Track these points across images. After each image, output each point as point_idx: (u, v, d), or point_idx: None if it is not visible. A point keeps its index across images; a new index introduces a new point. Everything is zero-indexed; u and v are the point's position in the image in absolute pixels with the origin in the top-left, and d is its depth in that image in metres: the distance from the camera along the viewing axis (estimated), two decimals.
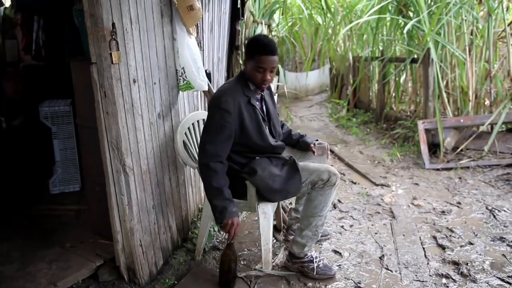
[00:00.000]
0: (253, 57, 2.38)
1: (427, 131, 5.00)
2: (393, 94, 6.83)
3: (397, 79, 6.66)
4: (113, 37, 2.10)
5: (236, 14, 4.73)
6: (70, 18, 4.02)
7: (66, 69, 3.12)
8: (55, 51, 4.78)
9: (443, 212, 3.59)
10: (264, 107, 2.63)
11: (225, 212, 2.27)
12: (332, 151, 5.54)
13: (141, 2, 2.34)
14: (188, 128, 2.81)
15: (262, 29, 4.84)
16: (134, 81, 2.30)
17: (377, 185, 4.29)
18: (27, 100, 4.75)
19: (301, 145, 2.85)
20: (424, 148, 4.84)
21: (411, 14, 5.82)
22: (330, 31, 8.12)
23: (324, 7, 6.44)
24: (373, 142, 5.90)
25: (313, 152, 2.75)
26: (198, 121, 2.94)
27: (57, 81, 4.11)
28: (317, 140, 2.83)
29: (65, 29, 4.46)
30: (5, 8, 5.64)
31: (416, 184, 4.28)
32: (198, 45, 2.90)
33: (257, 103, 2.53)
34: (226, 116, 2.34)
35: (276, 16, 6.08)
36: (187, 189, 3.06)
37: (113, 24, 2.10)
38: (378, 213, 3.62)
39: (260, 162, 2.50)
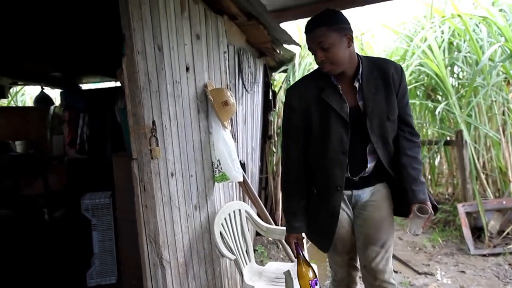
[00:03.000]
0: None
1: (468, 214, 4.82)
2: (429, 177, 6.72)
3: (431, 162, 6.59)
4: (153, 133, 2.23)
5: (268, 105, 4.95)
6: (113, 116, 4.31)
7: (107, 163, 3.28)
8: (97, 146, 5.05)
9: None
10: (359, 103, 1.97)
11: (287, 227, 2.12)
12: None
13: (179, 100, 2.50)
14: (225, 219, 2.84)
15: None
16: (172, 175, 2.39)
17: (420, 273, 4.08)
18: (69, 192, 4.94)
19: (403, 195, 2.01)
20: (467, 233, 4.64)
21: (439, 97, 5.90)
22: None
23: None
24: None
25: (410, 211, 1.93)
26: (234, 211, 2.97)
27: (99, 174, 4.29)
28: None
29: (108, 126, 4.75)
30: (55, 106, 6.10)
31: (463, 271, 4.05)
32: (232, 137, 3.02)
33: (334, 96, 1.95)
34: (291, 113, 2.06)
35: None
36: (223, 281, 3.01)
37: (154, 122, 2.23)
38: None
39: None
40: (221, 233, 2.74)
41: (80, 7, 3.20)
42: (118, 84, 5.32)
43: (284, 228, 2.30)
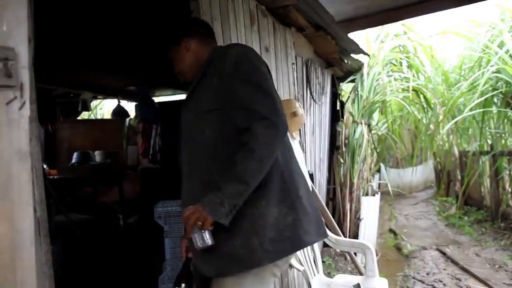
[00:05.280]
0: None
1: None
2: (510, 190, 6.30)
3: None
4: None
5: (336, 115, 4.91)
6: None
7: (178, 172, 3.39)
8: (169, 156, 5.25)
9: None
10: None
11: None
12: (443, 253, 5.13)
13: None
14: None
15: (362, 129, 4.92)
16: None
17: None
18: (143, 200, 5.17)
19: None
20: None
21: None
22: (431, 126, 7.95)
23: (424, 104, 6.40)
24: (491, 243, 5.37)
25: None
26: None
27: (170, 183, 4.45)
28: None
29: (179, 137, 4.92)
30: (130, 119, 6.45)
31: None
32: (301, 147, 3.02)
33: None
34: None
35: (375, 115, 6.18)
36: None
37: None
38: None
39: None
40: None
41: (155, 23, 3.37)
42: None
43: (354, 240, 2.24)
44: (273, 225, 1.50)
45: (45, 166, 5.11)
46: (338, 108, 5.09)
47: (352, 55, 4.55)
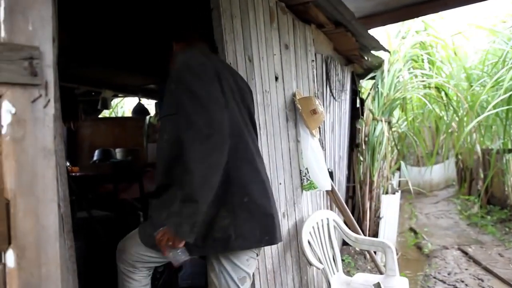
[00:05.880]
0: None
1: None
2: None
3: None
4: None
5: (356, 113, 4.87)
6: None
7: None
8: None
9: None
10: None
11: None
12: (465, 253, 5.05)
13: (269, 109, 2.55)
14: (313, 227, 2.83)
15: (382, 126, 4.86)
16: None
17: None
18: None
19: None
20: None
21: None
22: (453, 124, 7.82)
23: (445, 101, 6.29)
24: None
25: None
26: (322, 220, 2.96)
27: None
28: None
29: None
30: (150, 116, 6.51)
31: None
32: (320, 145, 3.01)
33: None
34: None
35: (396, 112, 6.10)
36: None
37: None
38: None
39: None
40: (308, 242, 2.73)
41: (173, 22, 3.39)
42: None
43: (374, 239, 2.22)
44: (209, 224, 1.59)
45: (67, 164, 5.20)
46: (358, 105, 5.05)
47: (372, 51, 4.50)
